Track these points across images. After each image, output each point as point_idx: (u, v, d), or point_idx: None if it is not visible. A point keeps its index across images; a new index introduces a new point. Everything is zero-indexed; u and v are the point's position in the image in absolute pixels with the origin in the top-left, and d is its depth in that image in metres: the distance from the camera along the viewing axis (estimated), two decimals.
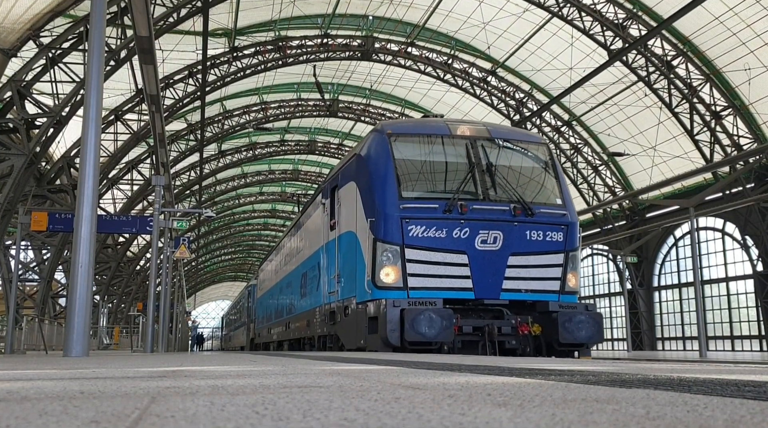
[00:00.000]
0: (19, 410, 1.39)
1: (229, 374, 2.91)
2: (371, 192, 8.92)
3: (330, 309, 10.76)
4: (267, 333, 22.29)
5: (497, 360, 4.34)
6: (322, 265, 11.55)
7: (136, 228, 20.26)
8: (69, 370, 3.49)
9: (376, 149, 9.34)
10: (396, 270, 8.47)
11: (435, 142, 9.47)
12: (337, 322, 10.23)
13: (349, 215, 9.82)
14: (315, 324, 12.18)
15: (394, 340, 7.90)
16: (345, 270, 9.91)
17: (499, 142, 9.70)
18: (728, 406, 1.32)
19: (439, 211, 8.69)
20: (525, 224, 8.94)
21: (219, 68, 28.48)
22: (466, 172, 9.15)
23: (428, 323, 7.78)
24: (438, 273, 8.56)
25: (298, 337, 14.98)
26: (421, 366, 3.41)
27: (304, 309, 13.78)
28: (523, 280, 8.85)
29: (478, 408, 1.34)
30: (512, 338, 8.50)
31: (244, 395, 1.72)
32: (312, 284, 12.82)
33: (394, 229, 8.57)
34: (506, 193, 9.13)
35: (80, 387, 2.10)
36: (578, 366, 3.19)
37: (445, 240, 8.62)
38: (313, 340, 12.91)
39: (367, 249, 8.73)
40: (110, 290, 35.88)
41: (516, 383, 2.03)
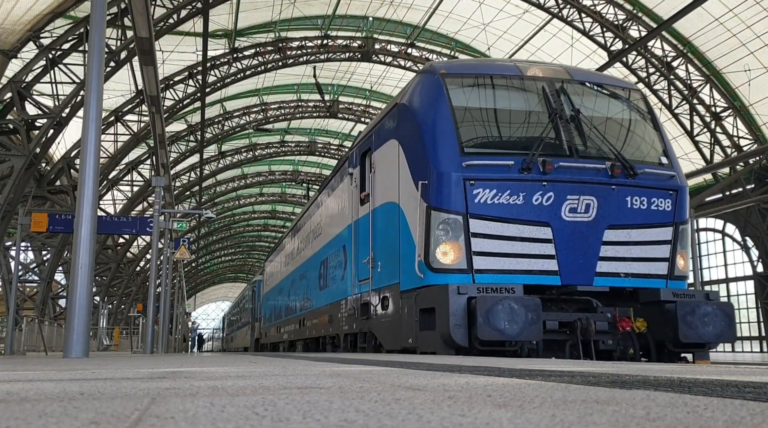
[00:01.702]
0: (19, 411, 1.39)
1: (228, 375, 2.91)
2: (422, 146, 7.15)
3: (361, 301, 9.04)
4: (276, 332, 20.26)
5: (497, 361, 4.34)
6: (349, 249, 9.78)
7: (136, 229, 20.28)
8: (69, 371, 3.49)
9: (426, 93, 7.54)
10: (457, 247, 6.71)
11: (502, 85, 7.63)
12: (372, 317, 8.53)
13: (388, 182, 8.08)
14: (340, 321, 10.40)
15: (459, 338, 6.20)
16: (383, 251, 8.18)
17: (583, 85, 7.91)
18: (728, 407, 1.32)
19: (515, 170, 6.85)
20: (625, 188, 7.07)
21: (219, 69, 28.50)
22: (546, 122, 7.27)
23: (509, 316, 6.04)
24: (512, 252, 6.77)
25: (315, 336, 13.09)
26: (421, 368, 3.41)
27: (324, 303, 11.97)
28: (623, 261, 6.99)
29: (478, 409, 1.34)
30: (608, 336, 6.72)
31: (244, 396, 1.72)
32: (335, 272, 10.99)
33: (454, 193, 6.79)
34: (600, 147, 7.29)
35: (80, 388, 2.10)
36: (578, 367, 3.19)
37: (523, 208, 6.80)
38: (337, 340, 11.06)
39: (416, 221, 6.96)
40: (110, 291, 35.88)
41: (516, 384, 2.03)
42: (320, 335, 12.46)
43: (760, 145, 23.84)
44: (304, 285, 14.74)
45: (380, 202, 8.39)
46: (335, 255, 11.05)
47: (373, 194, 8.69)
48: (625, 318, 6.73)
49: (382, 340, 8.29)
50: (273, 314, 21.23)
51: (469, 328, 6.22)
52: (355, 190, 9.62)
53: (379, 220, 8.41)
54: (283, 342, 18.92)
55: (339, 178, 11.17)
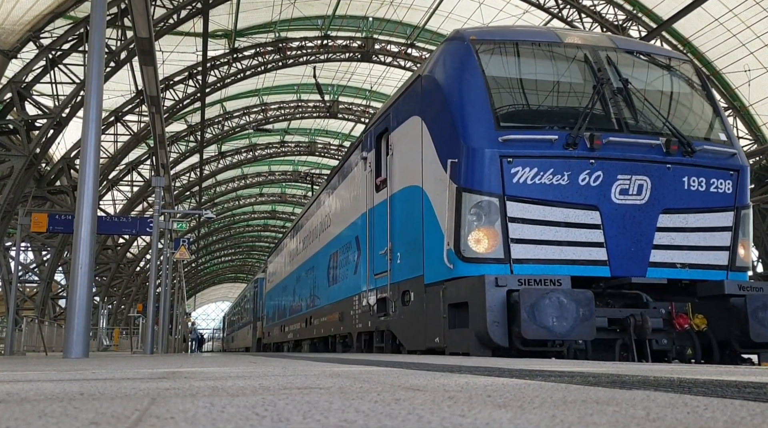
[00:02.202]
0: (19, 411, 1.39)
1: (228, 375, 2.91)
2: (451, 121, 6.44)
3: (377, 296, 8.32)
4: (279, 332, 19.40)
5: (497, 361, 4.33)
6: (363, 240, 9.08)
7: (136, 229, 20.29)
8: (69, 371, 3.49)
9: (455, 61, 6.75)
10: (492, 233, 5.98)
11: (539, 52, 6.86)
12: (390, 314, 7.84)
13: (409, 164, 7.34)
14: (352, 318, 9.70)
15: (498, 337, 5.51)
16: (403, 241, 7.46)
17: (629, 54, 7.12)
18: (729, 407, 1.32)
19: (558, 145, 6.14)
20: (682, 167, 6.33)
21: (219, 69, 28.51)
22: (591, 93, 6.52)
23: (558, 311, 5.34)
24: (556, 240, 6.07)
25: (324, 335, 12.29)
26: (421, 368, 3.41)
27: (334, 300, 11.20)
28: (679, 250, 6.26)
29: (478, 409, 1.34)
30: (662, 335, 6.03)
31: (244, 396, 1.72)
32: (346, 266, 10.25)
33: (489, 173, 6.07)
34: (652, 121, 6.58)
35: (80, 388, 2.10)
36: (578, 367, 3.19)
37: (567, 189, 6.08)
38: (349, 339, 10.28)
39: (444, 206, 6.26)
40: (110, 291, 35.89)
41: (516, 384, 2.03)
42: (329, 334, 11.72)
43: (760, 146, 23.85)
44: (310, 281, 13.96)
45: (400, 187, 7.64)
46: (346, 247, 10.31)
47: (391, 179, 7.97)
48: (682, 315, 6.02)
49: (402, 340, 7.57)
50: (276, 313, 20.50)
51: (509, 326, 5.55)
52: (369, 176, 8.92)
53: (398, 207, 7.70)
54: (288, 342, 18.16)
55: (350, 164, 10.38)
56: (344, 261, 10.45)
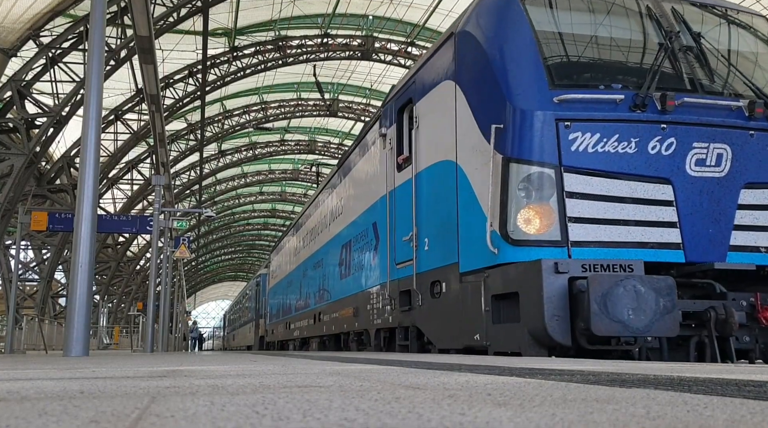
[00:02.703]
0: (19, 410, 1.39)
1: (228, 374, 2.91)
2: (494, 81, 5.64)
3: (399, 288, 7.56)
4: (285, 329, 18.44)
5: (497, 359, 4.33)
6: (383, 226, 8.32)
7: (136, 227, 20.31)
8: (69, 370, 3.50)
9: (498, 13, 5.94)
10: (546, 212, 5.20)
11: (597, 3, 6.05)
12: (415, 308, 7.07)
13: (440, 136, 6.57)
14: (369, 313, 8.95)
15: (558, 333, 4.74)
16: (432, 224, 6.68)
17: (699, 7, 6.31)
18: (728, 406, 1.32)
19: (624, 107, 5.38)
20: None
21: (219, 68, 28.51)
22: (658, 49, 5.72)
23: (634, 302, 4.56)
24: (622, 219, 5.27)
25: (335, 333, 11.45)
26: (422, 366, 3.41)
27: (347, 294, 10.39)
28: (764, 231, 5.48)
29: (478, 407, 1.34)
30: (744, 331, 5.18)
31: (244, 395, 1.72)
32: (362, 257, 9.46)
33: (543, 139, 5.29)
34: (730, 82, 5.80)
35: (80, 386, 2.10)
36: (578, 366, 3.19)
37: (635, 158, 5.31)
38: (366, 336, 9.53)
39: (486, 180, 5.48)
40: (110, 290, 35.91)
41: (516, 383, 2.03)
42: (341, 331, 10.87)
43: None
44: (319, 274, 13.13)
45: (428, 164, 6.88)
46: (362, 236, 9.50)
47: (416, 155, 7.21)
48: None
49: (432, 337, 6.77)
50: (281, 309, 19.57)
51: (572, 320, 4.78)
52: (389, 154, 8.13)
53: (425, 186, 6.93)
54: (294, 340, 17.23)
55: (366, 144, 9.62)
56: (359, 251, 9.66)
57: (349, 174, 10.80)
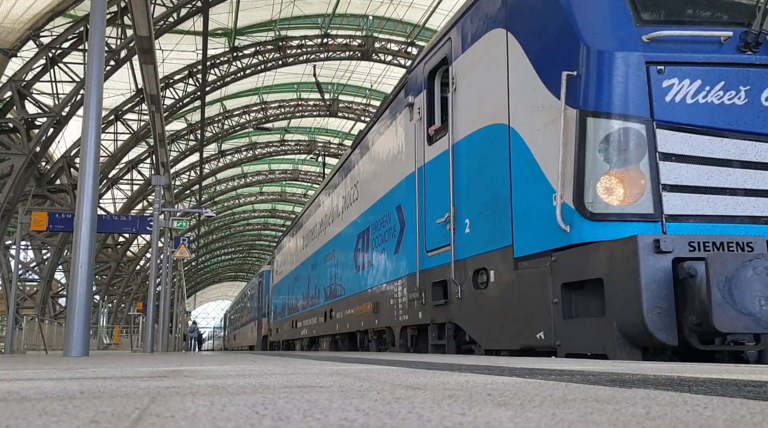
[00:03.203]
0: (19, 410, 1.39)
1: (228, 374, 2.91)
2: (562, 20, 4.72)
3: (432, 279, 6.71)
4: (290, 328, 17.41)
5: (497, 359, 4.33)
6: (409, 209, 7.45)
7: (136, 228, 20.31)
8: (69, 370, 3.50)
9: None
10: (635, 177, 4.26)
11: None
12: (453, 301, 6.19)
13: (487, 96, 5.69)
14: (393, 309, 8.06)
15: (662, 331, 3.86)
16: (475, 202, 5.81)
17: None
18: (728, 406, 1.32)
19: (731, 48, 4.44)
20: None
21: (219, 68, 28.52)
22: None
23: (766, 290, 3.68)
24: (729, 187, 4.32)
25: (350, 331, 10.55)
26: (421, 366, 3.41)
27: (364, 288, 9.54)
28: None
29: (478, 407, 1.34)
30: None
31: (244, 395, 1.72)
32: (383, 245, 8.60)
33: (629, 87, 4.35)
34: None
35: (80, 387, 2.10)
36: (578, 366, 3.19)
37: (745, 111, 4.37)
38: (388, 334, 8.57)
39: (553, 143, 4.60)
40: (110, 290, 35.92)
41: (516, 383, 2.03)
42: (358, 329, 9.96)
43: None
44: (331, 267, 12.20)
45: (469, 131, 6.01)
46: (383, 222, 8.63)
47: (454, 123, 6.32)
48: None
49: (475, 335, 5.87)
50: (286, 307, 18.53)
51: (679, 313, 3.89)
52: (418, 126, 7.27)
53: (465, 158, 6.06)
54: (301, 340, 16.16)
55: (387, 118, 8.74)
56: (379, 239, 8.80)
57: (366, 154, 9.87)
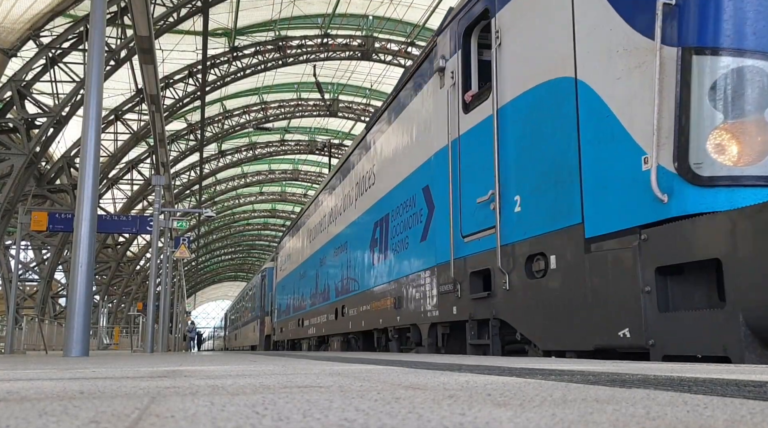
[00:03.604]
0: (19, 410, 1.39)
1: (228, 374, 2.91)
2: None
3: (470, 268, 5.83)
4: (296, 326, 16.47)
5: (497, 359, 4.34)
6: (439, 189, 6.64)
7: (136, 228, 20.32)
8: (69, 370, 3.50)
9: None
10: (757, 130, 3.50)
11: None
12: (499, 293, 5.29)
13: (544, 46, 4.86)
14: (419, 304, 7.19)
15: None
16: (527, 174, 4.96)
17: None
18: (729, 406, 1.32)
19: None
20: None
21: (219, 68, 28.53)
22: None
23: None
24: None
25: (366, 329, 9.67)
26: (422, 366, 3.41)
27: (384, 282, 8.67)
28: None
29: (478, 408, 1.34)
30: None
31: (244, 395, 1.72)
32: (406, 232, 7.78)
33: (749, 12, 3.55)
34: None
35: (80, 387, 2.10)
36: (578, 366, 3.19)
37: None
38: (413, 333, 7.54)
39: (642, 92, 3.82)
40: (110, 290, 35.92)
41: (516, 383, 2.03)
42: (376, 327, 9.08)
43: None
44: (343, 260, 11.41)
45: (519, 91, 5.18)
46: (406, 206, 7.83)
47: (499, 83, 5.49)
48: None
49: (530, 334, 4.93)
50: (292, 305, 17.62)
51: None
52: (451, 93, 6.43)
53: (515, 122, 5.19)
54: (308, 339, 15.32)
55: (410, 92, 7.90)
56: (401, 226, 8.00)
57: (384, 134, 9.02)
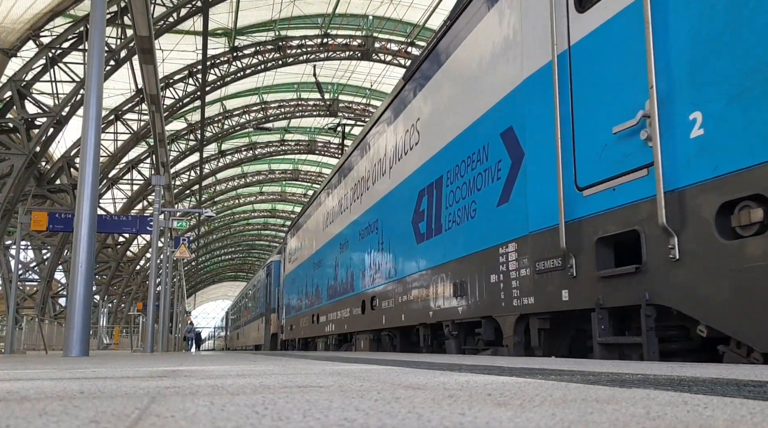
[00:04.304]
0: (19, 410, 1.39)
1: (229, 374, 2.91)
2: None
3: (593, 233, 4.31)
4: (310, 323, 14.67)
5: (497, 359, 4.34)
6: (530, 130, 5.16)
7: (136, 228, 20.31)
8: (69, 370, 3.50)
9: None
10: None
11: None
12: (658, 266, 3.75)
13: None
14: (496, 290, 5.61)
15: None
16: (715, 76, 3.43)
17: None
18: (728, 406, 1.32)
19: None
20: None
21: (219, 68, 28.53)
22: None
23: None
24: None
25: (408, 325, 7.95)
26: (421, 366, 3.41)
27: (437, 263, 7.05)
28: None
29: (478, 408, 1.34)
30: None
31: (244, 395, 1.72)
32: (472, 197, 6.19)
33: None
34: None
35: (80, 386, 2.10)
36: (578, 366, 3.19)
37: None
38: (485, 328, 5.93)
39: None
40: (110, 290, 35.91)
41: (516, 383, 2.03)
42: (424, 321, 7.33)
43: None
44: (372, 242, 9.73)
45: None
46: (471, 163, 6.28)
47: None
48: None
49: (727, 327, 3.37)
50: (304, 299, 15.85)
51: None
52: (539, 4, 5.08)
53: (685, 7, 3.67)
54: (326, 338, 13.60)
55: (480, 6, 6.33)
56: (463, 190, 6.43)
57: (432, 80, 7.51)
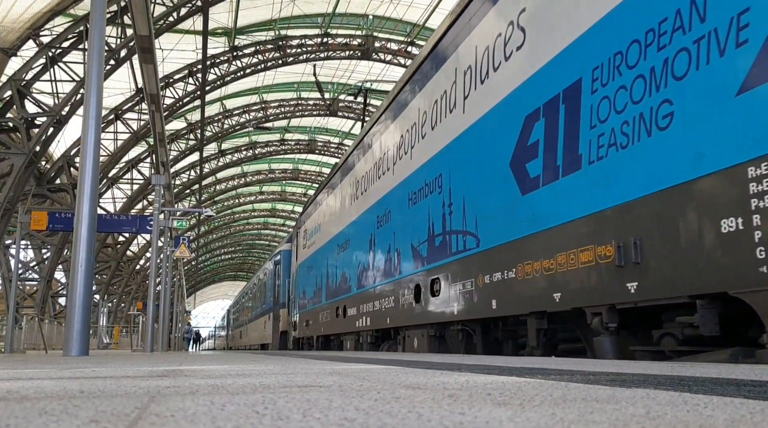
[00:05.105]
0: (19, 409, 1.39)
1: (229, 373, 2.91)
2: None
3: None
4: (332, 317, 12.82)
5: (496, 359, 4.35)
6: None
7: (136, 227, 20.32)
8: (69, 369, 3.50)
9: None
10: None
11: None
12: None
13: None
14: (730, 245, 3.41)
15: None
16: None
17: None
18: (728, 406, 1.32)
19: None
20: None
21: (219, 67, 28.51)
22: None
23: None
24: None
25: (499, 315, 5.93)
26: (421, 366, 3.41)
27: (554, 223, 5.10)
28: None
29: (478, 407, 1.34)
30: None
31: (244, 394, 1.72)
32: (662, 94, 3.96)
33: None
34: None
35: (80, 386, 2.10)
36: (578, 366, 3.19)
37: None
38: (597, 323, 4.54)
39: None
40: (110, 289, 35.91)
41: (516, 382, 2.03)
42: (541, 309, 5.25)
43: None
44: (433, 204, 7.66)
45: None
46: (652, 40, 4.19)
47: None
48: None
49: None
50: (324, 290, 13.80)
51: None
52: None
53: None
54: (356, 334, 11.47)
55: None
56: (640, 84, 4.23)
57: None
